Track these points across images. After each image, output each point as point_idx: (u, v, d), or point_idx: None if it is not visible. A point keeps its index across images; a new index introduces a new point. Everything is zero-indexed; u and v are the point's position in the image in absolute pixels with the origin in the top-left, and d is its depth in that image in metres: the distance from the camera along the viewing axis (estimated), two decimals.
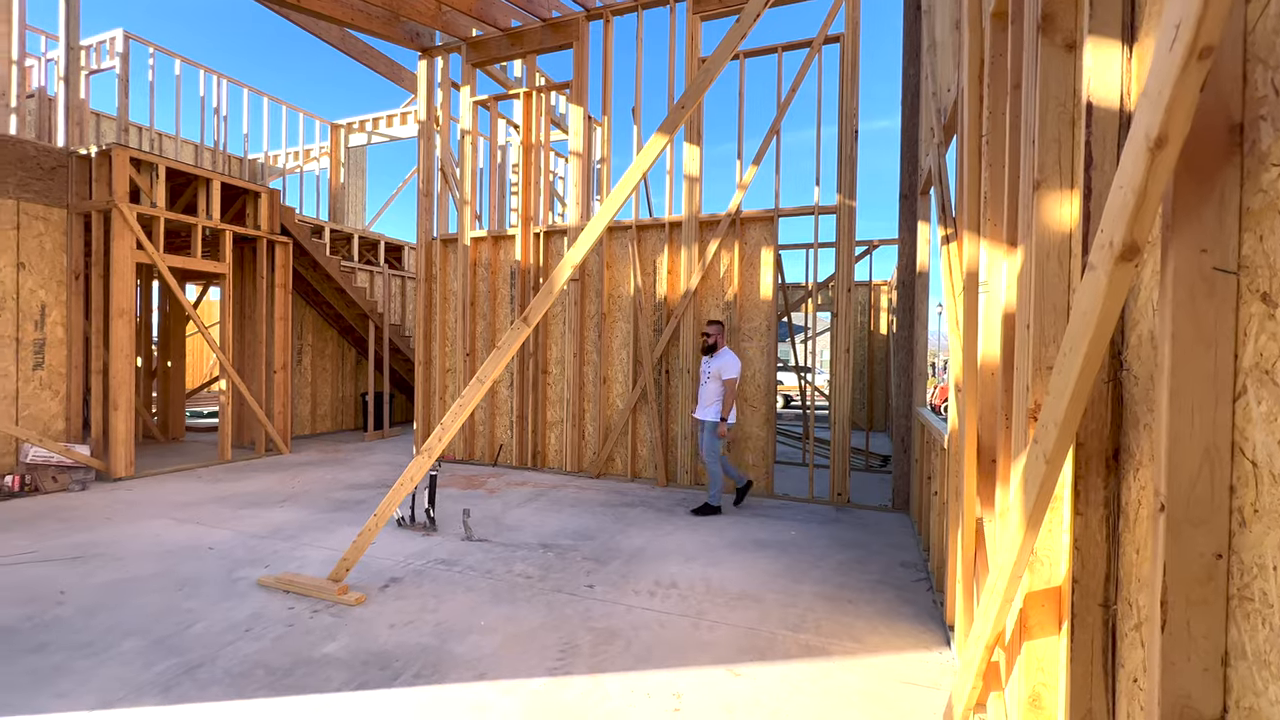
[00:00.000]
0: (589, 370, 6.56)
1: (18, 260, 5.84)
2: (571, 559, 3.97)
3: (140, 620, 2.98)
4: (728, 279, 5.92)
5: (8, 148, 5.76)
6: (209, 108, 10.20)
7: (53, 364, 6.10)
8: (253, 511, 4.96)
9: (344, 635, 2.89)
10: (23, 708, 2.27)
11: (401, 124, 11.74)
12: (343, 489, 5.81)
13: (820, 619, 3.16)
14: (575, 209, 6.53)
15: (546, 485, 6.06)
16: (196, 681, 2.47)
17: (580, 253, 3.10)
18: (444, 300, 7.34)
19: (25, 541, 4.13)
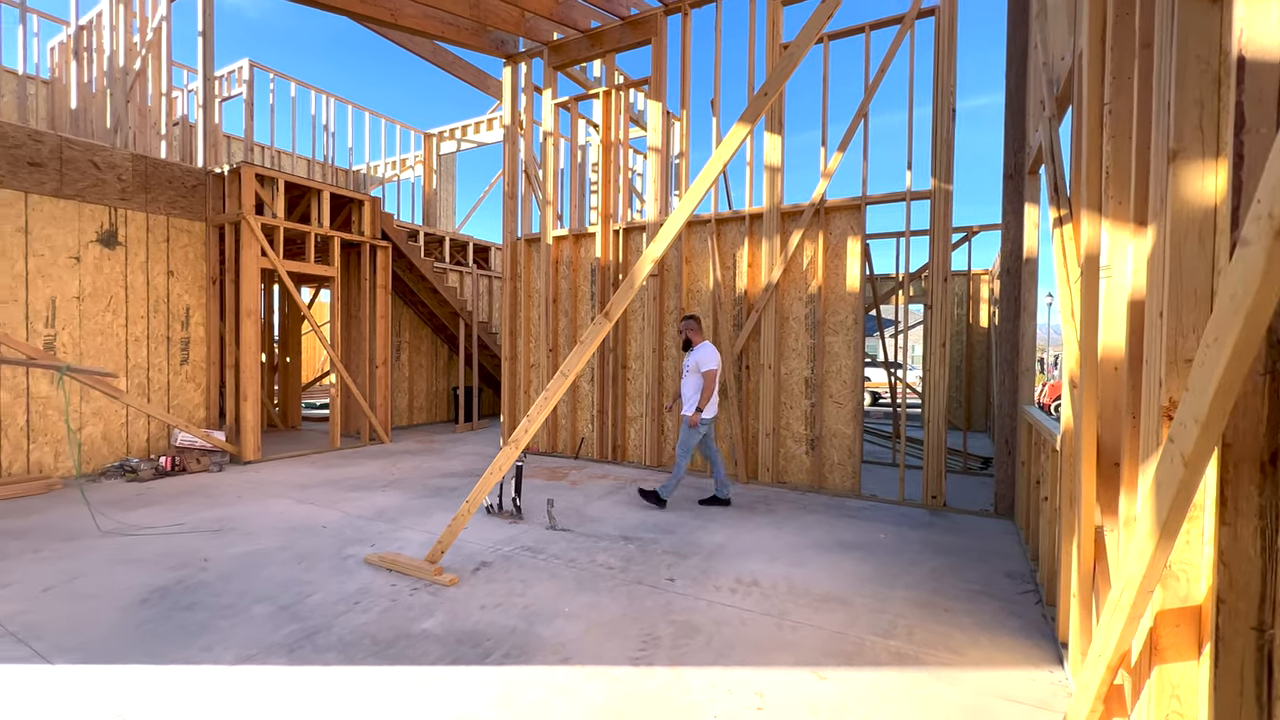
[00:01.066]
0: (668, 365, 6.57)
1: (168, 268, 6.65)
2: (652, 552, 4.01)
3: (268, 588, 3.32)
4: (811, 271, 5.73)
5: (161, 170, 6.57)
6: (319, 125, 11.14)
7: (195, 359, 6.91)
8: (359, 495, 5.39)
9: (440, 613, 3.07)
10: (178, 658, 2.60)
11: (488, 130, 12.26)
12: (437, 476, 6.18)
13: (913, 626, 3.00)
14: (654, 205, 6.55)
15: (626, 479, 6.15)
16: (315, 646, 2.72)
17: (661, 247, 3.11)
18: (528, 298, 7.61)
19: (177, 515, 4.71)
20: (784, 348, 5.86)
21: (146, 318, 6.46)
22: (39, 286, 5.70)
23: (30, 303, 5.66)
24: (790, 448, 5.84)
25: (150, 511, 4.78)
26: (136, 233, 6.37)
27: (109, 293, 6.17)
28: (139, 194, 6.38)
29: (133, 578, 3.45)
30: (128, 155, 6.30)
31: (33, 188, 5.65)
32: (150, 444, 6.51)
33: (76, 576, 3.47)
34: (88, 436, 6.03)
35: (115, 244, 6.21)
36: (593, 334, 3.19)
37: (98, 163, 6.07)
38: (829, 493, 5.61)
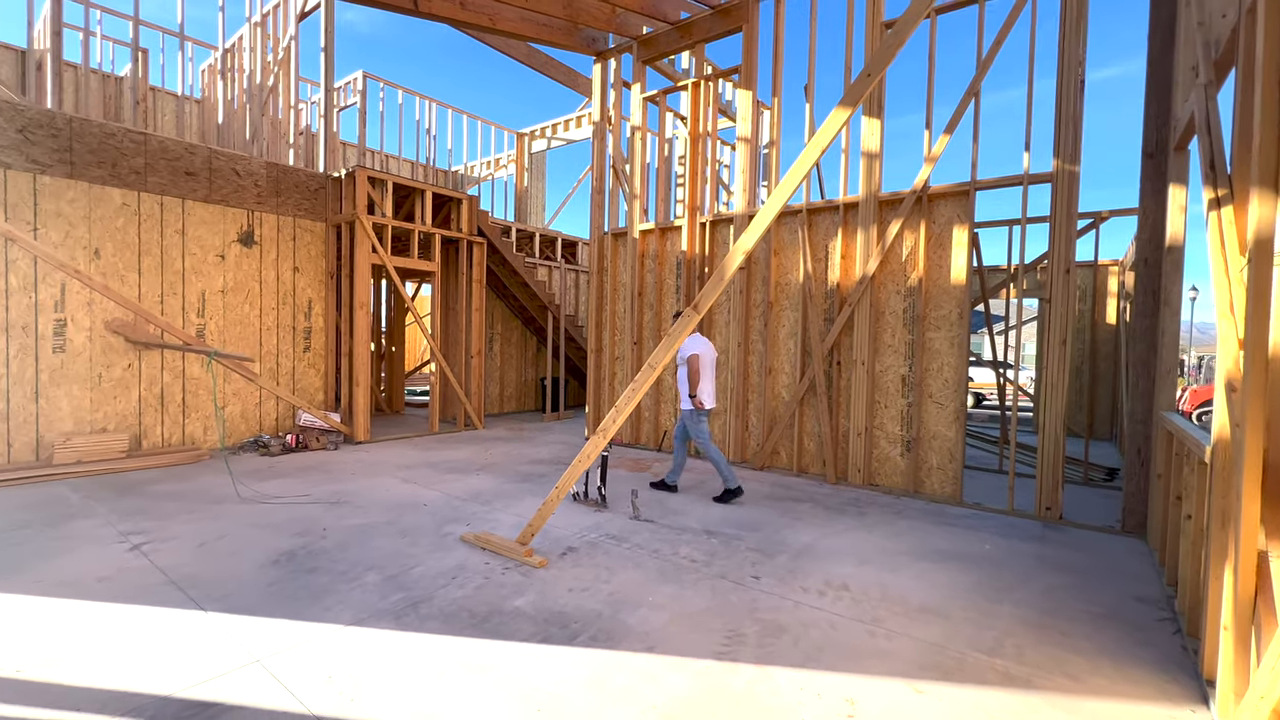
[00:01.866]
0: (754, 360, 6.45)
1: (294, 264, 7.35)
2: (736, 548, 3.96)
3: (377, 558, 3.60)
4: (910, 262, 5.40)
5: (289, 176, 7.26)
6: (422, 129, 11.86)
7: (315, 347, 7.60)
8: (456, 477, 5.71)
9: (530, 593, 3.19)
10: (303, 615, 2.88)
11: (577, 127, 12.54)
12: (526, 463, 6.43)
13: (1022, 646, 2.77)
14: (742, 196, 6.43)
15: (710, 473, 6.10)
16: (419, 615, 2.92)
17: (753, 238, 3.04)
18: (614, 291, 7.72)
19: (301, 487, 5.21)
20: (879, 343, 5.57)
21: (276, 309, 7.18)
22: (192, 281, 6.49)
23: (185, 295, 6.45)
24: (884, 449, 5.56)
25: (279, 483, 5.33)
26: (269, 233, 7.09)
27: (246, 287, 6.91)
28: (271, 198, 7.09)
29: (266, 541, 3.86)
30: (263, 163, 7.01)
31: (188, 194, 6.43)
32: (278, 422, 7.25)
33: (222, 536, 3.93)
34: (228, 414, 6.81)
35: (252, 243, 6.94)
36: (681, 327, 3.18)
37: (239, 171, 6.80)
38: (926, 498, 5.28)
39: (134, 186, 6.06)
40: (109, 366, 5.95)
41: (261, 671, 2.40)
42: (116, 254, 5.97)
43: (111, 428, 5.96)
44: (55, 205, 5.62)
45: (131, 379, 6.09)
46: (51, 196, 5.60)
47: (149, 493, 4.91)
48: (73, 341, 5.74)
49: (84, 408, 5.81)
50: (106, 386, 5.93)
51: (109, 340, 5.94)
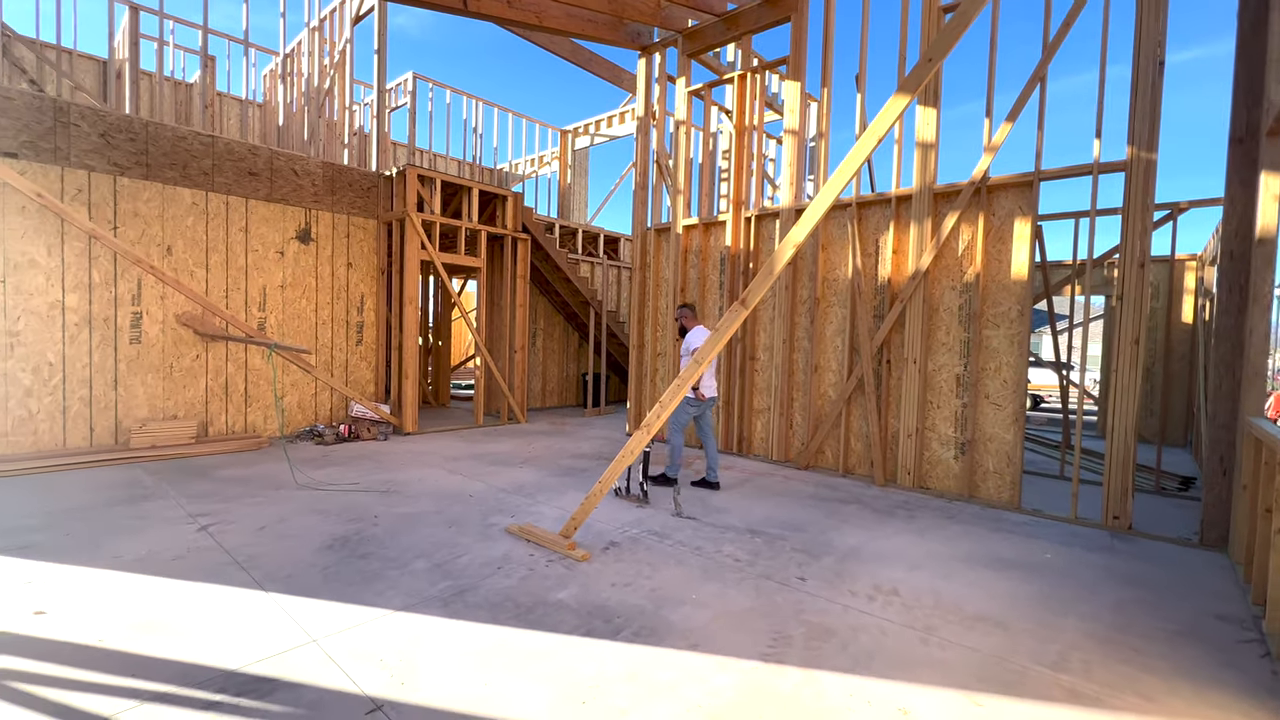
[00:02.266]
0: (799, 358, 6.31)
1: (348, 261, 7.61)
2: (780, 548, 3.88)
3: (425, 546, 3.69)
4: (967, 257, 5.17)
5: (343, 175, 7.52)
6: (469, 128, 12.09)
7: (367, 341, 7.86)
8: (499, 469, 5.80)
9: (573, 585, 3.21)
10: (356, 599, 2.97)
11: (620, 123, 12.55)
12: (568, 457, 6.48)
13: (1090, 662, 2.61)
14: (788, 190, 6.30)
15: (752, 472, 6.02)
16: (466, 603, 2.97)
17: (804, 231, 2.96)
18: (656, 287, 7.70)
19: (353, 475, 5.40)
20: (932, 341, 5.37)
21: (331, 304, 7.45)
22: (254, 277, 6.80)
23: (248, 290, 6.76)
24: (935, 451, 5.36)
25: (333, 471, 5.53)
26: (325, 230, 7.35)
27: (303, 282, 7.20)
28: (327, 196, 7.35)
29: (321, 526, 4.01)
30: (319, 163, 7.27)
31: (251, 194, 6.73)
32: (332, 412, 7.53)
33: (281, 520, 4.10)
34: (286, 404, 7.11)
35: (309, 240, 7.22)
36: (728, 322, 3.13)
37: (297, 170, 7.07)
38: (981, 503, 5.07)
39: (202, 186, 6.38)
40: (179, 357, 6.30)
41: (318, 652, 2.49)
42: (187, 251, 6.31)
43: (181, 415, 6.31)
44: (132, 205, 5.97)
45: (199, 369, 6.43)
46: (129, 197, 5.95)
47: (215, 477, 5.18)
48: (147, 333, 6.10)
49: (157, 395, 6.17)
50: (177, 376, 6.28)
51: (179, 332, 6.29)
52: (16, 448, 5.43)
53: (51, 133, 5.52)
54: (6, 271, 5.34)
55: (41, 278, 5.51)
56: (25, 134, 5.40)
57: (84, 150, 5.68)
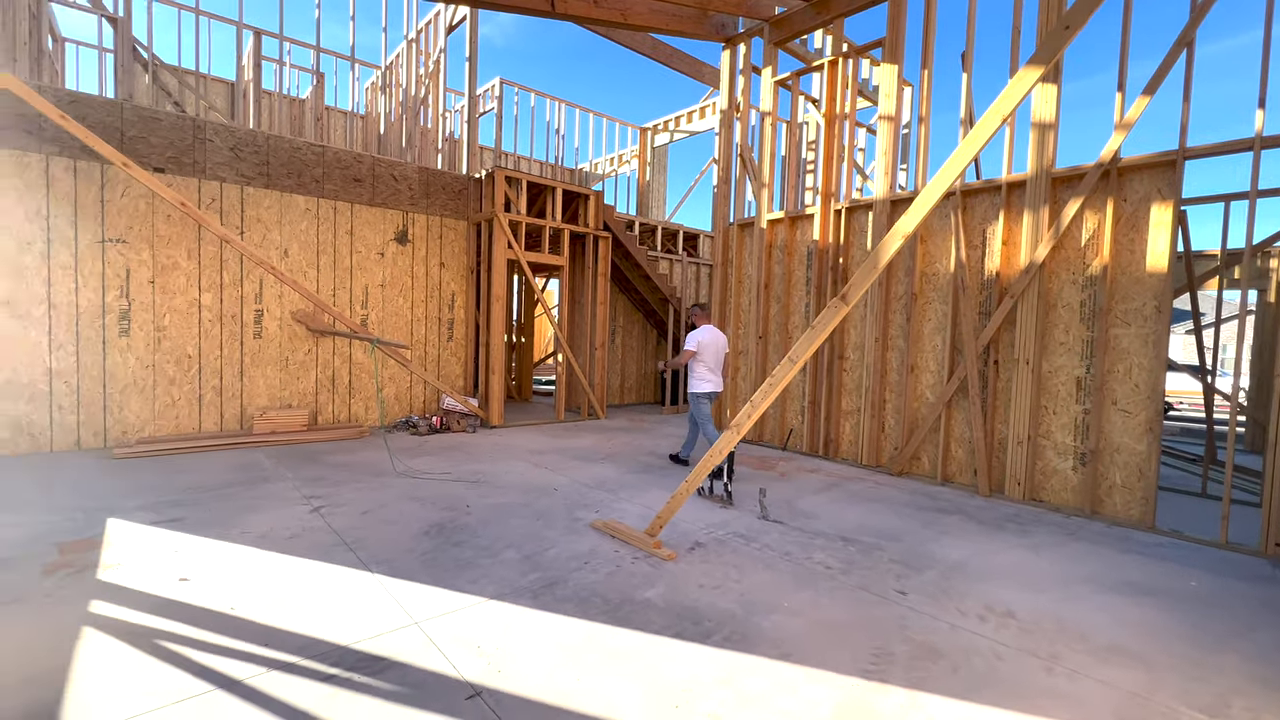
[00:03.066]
0: (893, 357, 5.97)
1: (440, 261, 7.98)
2: (876, 558, 3.67)
3: (515, 537, 3.78)
4: (1092, 247, 4.67)
5: (437, 179, 7.89)
6: (551, 129, 12.38)
7: (457, 337, 8.21)
8: (582, 464, 5.88)
9: (660, 585, 3.17)
10: (452, 585, 3.08)
11: (700, 119, 12.41)
12: (647, 454, 6.47)
13: (1258, 710, 2.27)
14: (882, 180, 5.96)
15: (840, 476, 5.75)
16: (555, 596, 3.00)
17: (915, 220, 2.76)
18: (738, 284, 7.53)
19: (445, 465, 5.65)
20: (1048, 340, 4.90)
21: (425, 302, 7.85)
22: (357, 276, 7.27)
23: (352, 289, 7.24)
24: (1050, 460, 4.89)
25: (427, 460, 5.81)
26: (420, 231, 7.75)
27: (401, 281, 7.62)
28: (422, 199, 7.74)
29: (418, 513, 4.21)
30: (415, 168, 7.67)
31: (355, 199, 7.20)
32: (425, 405, 7.93)
33: (383, 505, 4.34)
34: (386, 395, 7.56)
35: (406, 241, 7.63)
36: (826, 319, 2.98)
37: (395, 175, 7.50)
38: (1106, 520, 4.57)
39: (314, 193, 6.90)
40: (294, 351, 6.84)
41: (419, 634, 2.59)
42: (301, 253, 6.84)
43: (295, 404, 6.86)
44: (256, 212, 6.55)
45: (310, 362, 6.96)
46: (253, 204, 6.52)
47: (324, 462, 5.58)
48: (267, 329, 6.67)
49: (275, 386, 6.73)
50: (292, 368, 6.83)
51: (294, 328, 6.83)
52: (161, 430, 6.10)
53: (191, 148, 6.14)
54: (155, 273, 6.00)
55: (183, 278, 6.15)
56: (170, 150, 6.04)
57: (216, 163, 6.28)
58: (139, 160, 5.86)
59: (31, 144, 5.38)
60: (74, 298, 5.63)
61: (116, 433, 5.87)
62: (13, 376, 5.38)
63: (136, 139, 5.86)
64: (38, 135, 5.40)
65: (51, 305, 5.53)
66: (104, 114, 5.70)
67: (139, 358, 5.95)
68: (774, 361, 7.11)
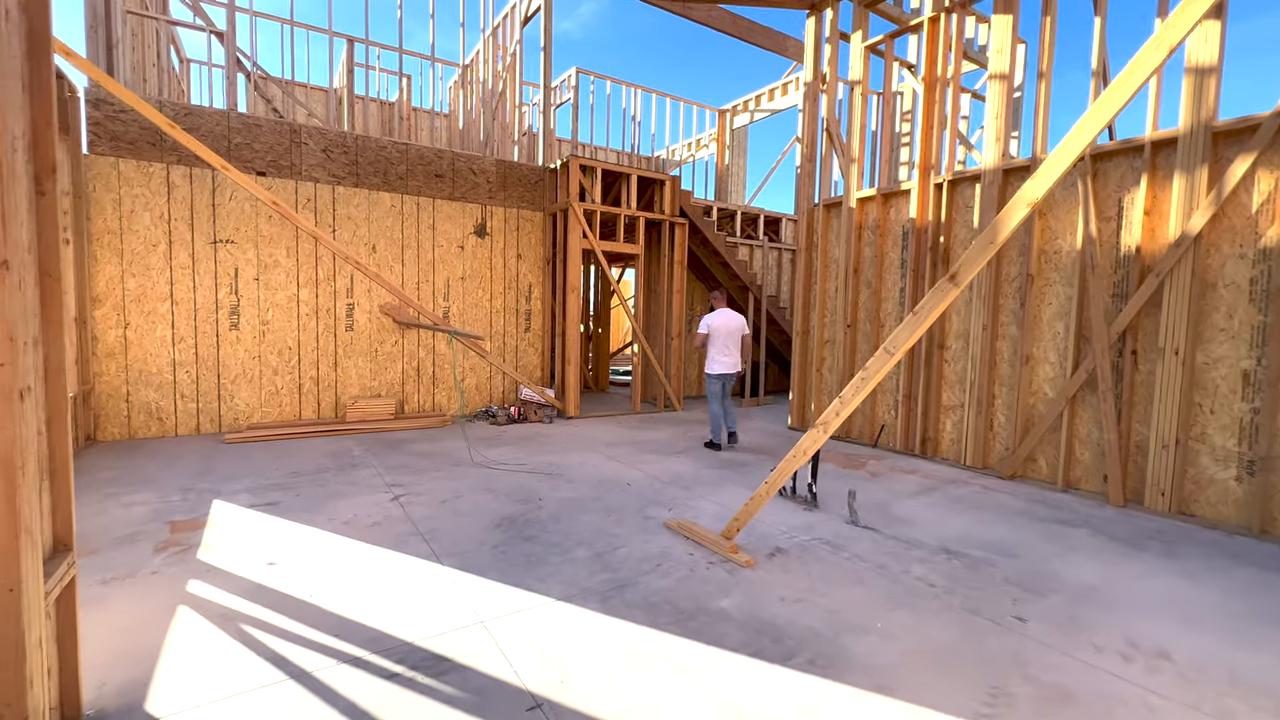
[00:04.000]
0: (1004, 346, 5.32)
1: (517, 252, 8.05)
2: (987, 576, 3.22)
3: (585, 534, 3.66)
4: (1265, 215, 3.87)
5: (514, 171, 7.94)
6: (627, 116, 12.21)
7: (534, 328, 8.27)
8: (656, 458, 5.70)
9: (737, 594, 2.93)
10: (520, 583, 2.99)
11: (781, 95, 11.81)
12: (726, 449, 6.19)
13: None
14: (992, 148, 5.29)
15: (940, 479, 5.22)
16: (624, 600, 2.84)
17: (1044, 186, 2.31)
18: (824, 269, 7.04)
19: (521, 455, 5.66)
20: (1204, 325, 4.14)
21: (503, 294, 7.95)
22: (439, 270, 7.46)
23: (435, 282, 7.45)
24: (1205, 468, 4.14)
25: (504, 450, 5.85)
26: (498, 224, 7.84)
27: (480, 274, 7.76)
28: (500, 192, 7.82)
29: (491, 504, 4.19)
30: (493, 161, 7.75)
31: (436, 194, 7.37)
32: (504, 395, 8.06)
33: (459, 496, 4.37)
34: (467, 386, 7.75)
35: (484, 234, 7.75)
36: (932, 304, 2.59)
37: (474, 170, 7.61)
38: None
39: (398, 190, 7.12)
40: (381, 343, 7.14)
41: (484, 634, 2.51)
42: (387, 248, 7.10)
43: (383, 393, 7.17)
44: (346, 210, 6.85)
45: (397, 353, 7.24)
46: (344, 203, 6.83)
47: (408, 450, 5.75)
48: (358, 322, 6.99)
49: (365, 376, 7.06)
50: (380, 359, 7.13)
51: (382, 321, 7.12)
52: (267, 417, 6.55)
53: (288, 151, 6.50)
54: (260, 270, 6.42)
55: (283, 275, 6.54)
56: (270, 154, 6.42)
57: (310, 165, 6.61)
58: (243, 165, 6.27)
59: (154, 154, 5.88)
60: (192, 294, 6.13)
61: (229, 419, 6.36)
62: (144, 367, 5.94)
63: (241, 145, 6.27)
64: (159, 146, 5.88)
65: (174, 301, 6.05)
66: (213, 123, 6.13)
67: (247, 349, 6.40)
68: (864, 352, 6.59)
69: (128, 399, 5.89)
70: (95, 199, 5.68)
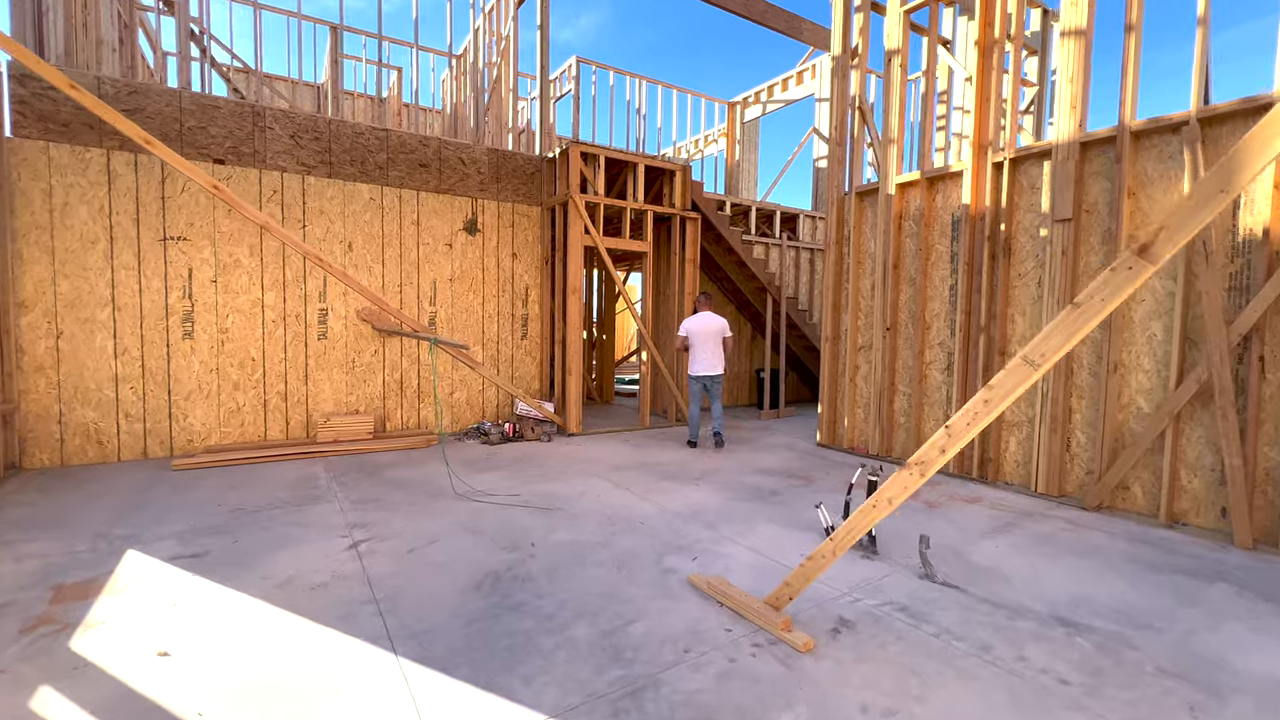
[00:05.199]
0: (1084, 351, 4.49)
1: (512, 251, 7.26)
2: (1132, 666, 2.38)
3: (588, 599, 2.83)
4: None
5: (508, 161, 7.16)
6: (631, 109, 11.44)
7: (532, 335, 7.47)
8: (672, 486, 4.88)
9: (801, 703, 2.10)
10: (498, 686, 2.16)
11: (796, 84, 11.05)
12: (752, 473, 5.36)
13: None
14: (1068, 116, 4.48)
15: (1013, 510, 4.37)
16: (643, 713, 2.02)
17: None
18: (857, 265, 6.22)
19: (514, 483, 4.84)
20: None
21: (497, 297, 7.16)
22: (424, 270, 6.68)
23: (420, 284, 6.66)
24: None
25: (494, 476, 5.04)
26: (490, 220, 7.06)
27: (470, 275, 6.97)
28: (492, 184, 7.05)
29: (473, 552, 3.37)
30: (485, 150, 6.98)
31: (421, 186, 6.60)
32: (499, 409, 7.26)
33: (433, 540, 3.56)
34: (456, 400, 6.94)
35: (475, 231, 6.97)
36: (1110, 290, 1.77)
37: (464, 159, 6.83)
38: None
39: (378, 181, 6.35)
40: (360, 353, 6.34)
41: None
42: (365, 246, 6.32)
43: (362, 409, 6.37)
44: (318, 203, 6.08)
45: (377, 364, 6.44)
46: (315, 195, 6.06)
47: (383, 478, 4.94)
48: (332, 329, 6.20)
49: (340, 390, 6.26)
50: (358, 371, 6.34)
51: (360, 328, 6.33)
52: (226, 438, 5.75)
53: (250, 137, 5.73)
54: (218, 271, 5.65)
55: (245, 277, 5.76)
56: (230, 140, 5.65)
57: (276, 152, 5.85)
58: (199, 152, 5.51)
59: (92, 138, 5.12)
60: (137, 299, 5.35)
61: (182, 441, 5.56)
62: (80, 383, 5.16)
63: (196, 129, 5.51)
64: (98, 129, 5.13)
65: (116, 307, 5.27)
66: (163, 104, 5.38)
67: (203, 362, 5.61)
68: (906, 358, 5.76)
69: (60, 420, 5.10)
70: (21, 189, 4.92)
